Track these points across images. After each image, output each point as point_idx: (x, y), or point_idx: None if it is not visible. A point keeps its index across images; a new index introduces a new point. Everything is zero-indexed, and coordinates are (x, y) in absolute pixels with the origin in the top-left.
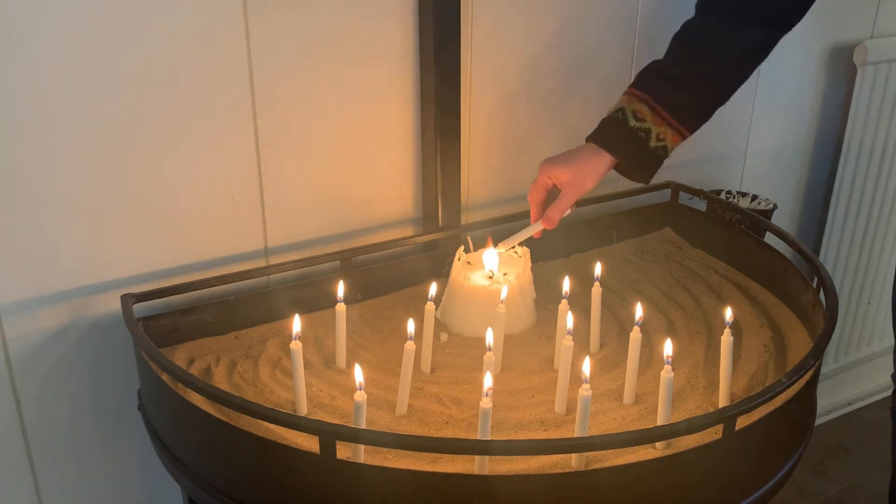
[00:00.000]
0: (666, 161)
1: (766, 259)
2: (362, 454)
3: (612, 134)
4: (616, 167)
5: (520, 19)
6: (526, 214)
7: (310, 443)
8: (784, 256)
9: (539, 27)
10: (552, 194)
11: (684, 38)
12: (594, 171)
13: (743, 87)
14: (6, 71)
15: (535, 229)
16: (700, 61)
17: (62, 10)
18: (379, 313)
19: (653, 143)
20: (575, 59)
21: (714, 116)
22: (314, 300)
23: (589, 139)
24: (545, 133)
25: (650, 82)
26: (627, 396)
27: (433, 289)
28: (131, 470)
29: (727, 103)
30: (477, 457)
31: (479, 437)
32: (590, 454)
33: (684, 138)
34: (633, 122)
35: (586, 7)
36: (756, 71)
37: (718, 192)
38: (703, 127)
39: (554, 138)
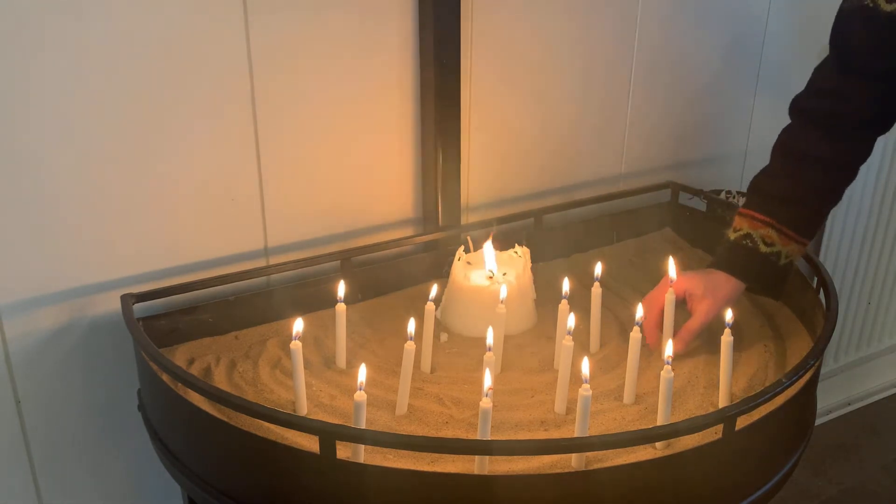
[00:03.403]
0: (665, 161)
1: None
2: (362, 454)
3: (745, 263)
4: (747, 289)
5: (520, 19)
6: (525, 215)
7: (310, 443)
8: None
9: (539, 26)
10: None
11: (788, 153)
12: (729, 297)
13: (743, 87)
14: (6, 71)
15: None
16: (810, 177)
17: (63, 9)
18: (379, 313)
19: (782, 262)
20: (575, 58)
21: (714, 117)
22: (314, 300)
23: (719, 268)
24: (545, 133)
25: (771, 207)
26: (627, 396)
27: (433, 289)
28: (131, 470)
29: (726, 105)
30: (477, 457)
31: (479, 437)
32: (590, 454)
33: (805, 247)
34: (763, 249)
35: (587, 6)
36: (756, 71)
37: (718, 192)
38: (703, 127)
39: (554, 139)
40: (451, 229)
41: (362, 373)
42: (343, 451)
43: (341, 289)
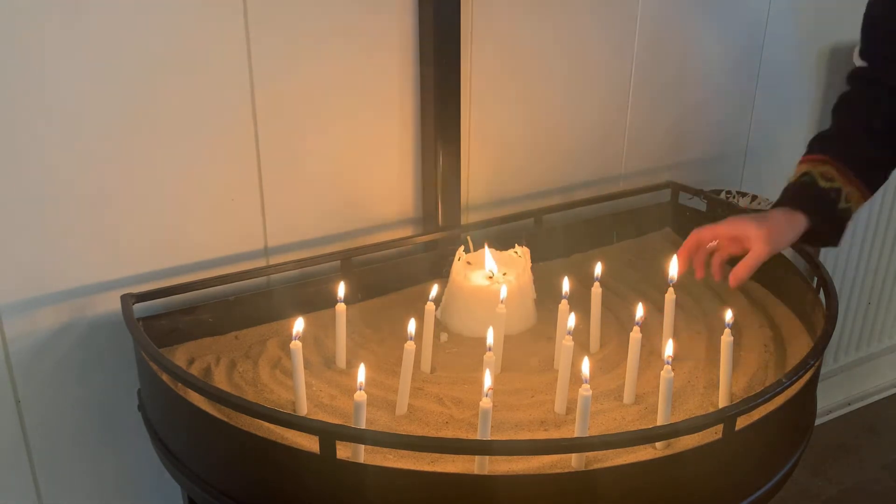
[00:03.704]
0: (665, 161)
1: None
2: (362, 454)
3: (803, 197)
4: (803, 236)
5: (520, 18)
6: (525, 215)
7: (310, 443)
8: (784, 256)
9: (540, 26)
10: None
11: (847, 109)
12: (789, 231)
13: (743, 87)
14: (6, 71)
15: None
16: (868, 126)
17: (63, 9)
18: (379, 313)
19: (841, 205)
20: (576, 58)
21: (714, 117)
22: (314, 300)
23: (777, 205)
24: (545, 133)
25: (827, 146)
26: (627, 396)
27: (433, 289)
28: (131, 470)
29: (726, 105)
30: (477, 457)
31: (479, 437)
32: (590, 454)
33: (865, 199)
34: (822, 183)
35: (587, 5)
36: (756, 71)
37: (718, 192)
38: (703, 127)
39: (554, 138)
40: (451, 229)
41: (361, 373)
42: (343, 451)
43: (341, 289)
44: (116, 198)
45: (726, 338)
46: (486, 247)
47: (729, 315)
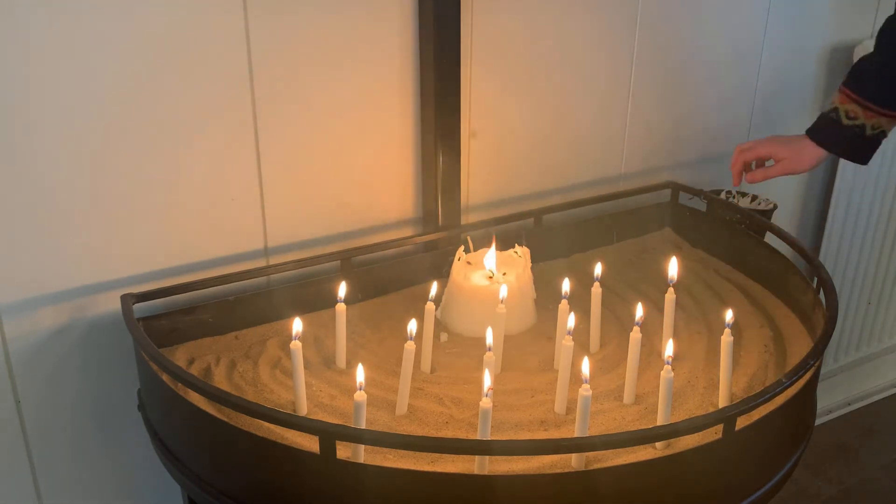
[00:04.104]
0: (665, 161)
1: (766, 259)
2: (362, 454)
3: (827, 132)
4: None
5: (520, 19)
6: (525, 215)
7: (310, 443)
8: (784, 256)
9: (539, 26)
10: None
11: (887, 35)
12: (810, 158)
13: (742, 87)
14: (6, 71)
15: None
16: None
17: (63, 9)
18: (379, 313)
19: (869, 132)
20: (575, 58)
21: (714, 117)
22: (314, 300)
23: (808, 134)
24: (545, 133)
25: (860, 83)
26: (627, 396)
27: (433, 289)
28: (131, 470)
29: (726, 105)
30: (477, 457)
31: (479, 437)
32: (590, 454)
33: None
34: (846, 121)
35: (587, 6)
36: (756, 71)
37: (718, 192)
38: (703, 127)
39: (554, 138)
40: (451, 229)
41: (361, 373)
42: (343, 451)
43: (341, 289)
44: (116, 198)
45: (726, 338)
46: (493, 241)
47: (729, 315)
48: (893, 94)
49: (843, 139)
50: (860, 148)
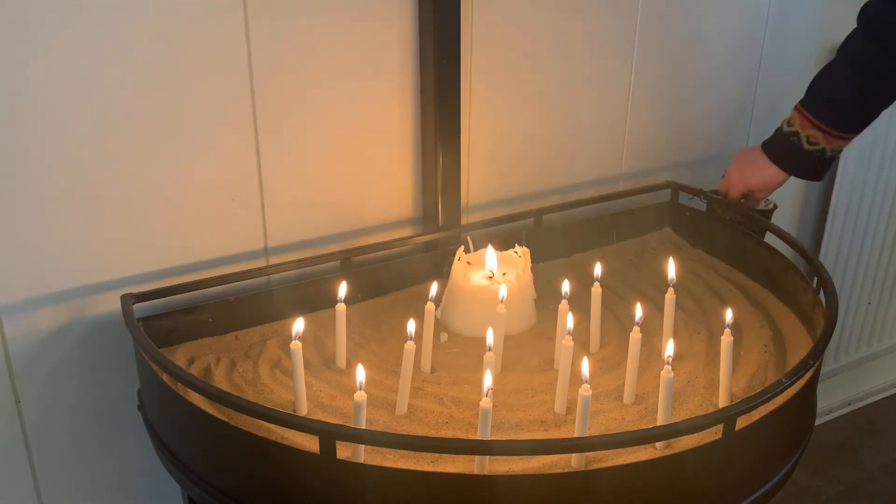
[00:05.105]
0: (665, 161)
1: (766, 259)
2: (362, 454)
3: (788, 157)
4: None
5: (520, 19)
6: (525, 215)
7: (310, 443)
8: (784, 256)
9: (539, 26)
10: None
11: (848, 57)
12: (778, 182)
13: (743, 87)
14: (6, 71)
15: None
16: (865, 84)
17: (63, 9)
18: (379, 313)
19: (829, 154)
20: (575, 58)
21: (714, 117)
22: (314, 300)
23: (765, 152)
24: (545, 133)
25: (823, 110)
26: (627, 396)
27: (433, 289)
28: (131, 470)
29: (726, 105)
30: (477, 457)
31: (479, 437)
32: (590, 454)
33: (851, 140)
34: (807, 146)
35: (587, 6)
36: (756, 71)
37: (718, 191)
38: (703, 127)
39: (554, 138)
40: (451, 229)
41: (361, 373)
42: (343, 451)
43: (341, 289)
44: (116, 198)
45: (726, 338)
46: (489, 247)
47: (729, 315)
48: (856, 119)
49: (805, 163)
50: (820, 169)
